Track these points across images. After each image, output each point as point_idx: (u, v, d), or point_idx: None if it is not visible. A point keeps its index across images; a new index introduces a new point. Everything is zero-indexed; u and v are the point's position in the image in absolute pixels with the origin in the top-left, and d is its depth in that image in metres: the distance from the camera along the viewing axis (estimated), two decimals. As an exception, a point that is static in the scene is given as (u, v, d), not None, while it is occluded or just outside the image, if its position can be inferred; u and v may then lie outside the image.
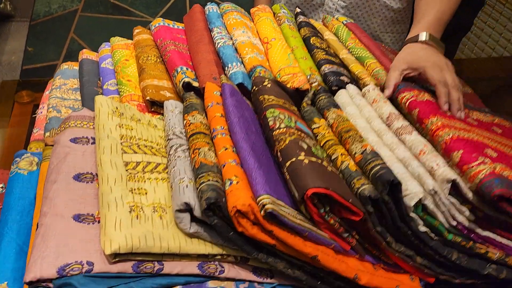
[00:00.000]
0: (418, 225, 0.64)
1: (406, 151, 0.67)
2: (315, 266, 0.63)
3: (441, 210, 0.64)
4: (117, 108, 0.70)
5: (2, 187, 0.73)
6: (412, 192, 0.61)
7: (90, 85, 0.88)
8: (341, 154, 0.66)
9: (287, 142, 0.62)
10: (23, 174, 0.70)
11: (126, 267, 0.54)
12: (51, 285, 0.52)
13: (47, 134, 0.79)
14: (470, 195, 0.64)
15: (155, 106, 0.79)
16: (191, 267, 0.57)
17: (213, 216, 0.55)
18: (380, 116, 0.76)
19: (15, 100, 0.99)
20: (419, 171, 0.63)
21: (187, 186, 0.57)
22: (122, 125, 0.67)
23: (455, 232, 0.67)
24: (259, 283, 0.62)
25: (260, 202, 0.54)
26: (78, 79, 0.93)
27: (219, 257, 0.59)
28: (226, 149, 0.62)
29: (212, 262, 0.59)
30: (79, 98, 0.88)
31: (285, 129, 0.65)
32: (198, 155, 0.61)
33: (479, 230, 0.68)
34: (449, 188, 0.63)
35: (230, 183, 0.56)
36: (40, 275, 0.51)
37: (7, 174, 0.72)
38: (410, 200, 0.61)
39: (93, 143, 0.67)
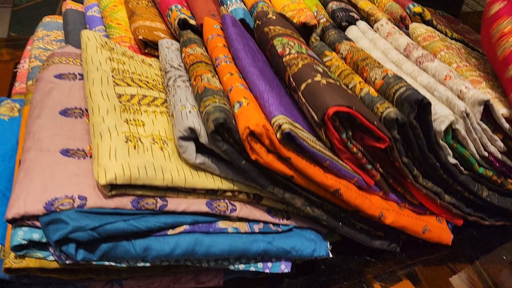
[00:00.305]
0: (448, 156, 0.58)
1: (430, 78, 0.61)
2: (336, 204, 0.56)
3: (473, 137, 0.57)
4: (106, 42, 0.63)
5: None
6: (442, 115, 0.55)
7: (76, 33, 0.80)
8: (359, 82, 0.59)
9: (300, 66, 0.56)
10: (3, 120, 0.62)
11: (125, 202, 0.47)
12: (37, 223, 0.44)
13: (30, 82, 0.71)
14: (503, 120, 0.58)
15: (148, 48, 0.72)
16: (199, 205, 0.50)
17: (222, 142, 0.47)
18: (397, 48, 0.69)
19: (-6, 58, 0.91)
20: (447, 95, 0.57)
21: (190, 112, 0.50)
22: (113, 58, 0.60)
23: (486, 166, 0.61)
24: (274, 224, 0.56)
25: (276, 123, 0.47)
26: (63, 30, 0.85)
27: (229, 193, 0.52)
28: (232, 74, 0.55)
29: (221, 200, 0.52)
30: (65, 49, 0.81)
31: (296, 54, 0.58)
32: (201, 80, 0.54)
33: (511, 164, 0.62)
34: (481, 111, 0.56)
35: (240, 105, 0.49)
36: (25, 211, 0.43)
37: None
38: (441, 124, 0.54)
39: (81, 79, 0.60)
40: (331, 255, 0.59)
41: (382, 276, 0.62)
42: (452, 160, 0.58)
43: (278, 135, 0.47)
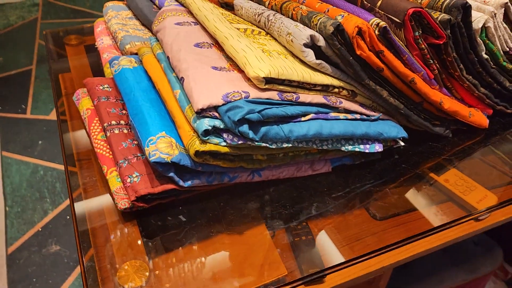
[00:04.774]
0: (482, 52, 0.77)
1: (458, -3, 0.80)
2: (408, 96, 0.73)
3: (498, 34, 0.76)
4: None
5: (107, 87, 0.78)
6: (477, 17, 0.73)
7: (148, 8, 0.94)
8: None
9: (369, -8, 0.73)
10: (129, 68, 0.75)
11: (273, 95, 0.62)
12: (215, 113, 0.58)
13: (128, 46, 0.84)
14: (517, 19, 0.77)
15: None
16: (319, 98, 0.66)
17: (337, 41, 0.64)
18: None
19: (65, 42, 1.03)
20: (477, 4, 0.76)
21: (304, 27, 0.66)
22: (216, 7, 0.75)
23: (507, 61, 0.80)
24: (366, 115, 0.72)
25: (374, 22, 0.64)
26: (128, 10, 0.99)
27: (336, 90, 0.68)
28: (322, 2, 0.71)
29: (331, 96, 0.68)
30: (139, 25, 0.94)
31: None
32: (301, 9, 0.70)
33: (524, 56, 0.81)
34: (503, 13, 0.76)
35: (342, 16, 0.65)
36: (210, 102, 0.57)
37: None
38: (478, 23, 0.73)
39: (196, 25, 0.74)
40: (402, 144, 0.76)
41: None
42: (484, 55, 0.77)
43: (377, 31, 0.64)
